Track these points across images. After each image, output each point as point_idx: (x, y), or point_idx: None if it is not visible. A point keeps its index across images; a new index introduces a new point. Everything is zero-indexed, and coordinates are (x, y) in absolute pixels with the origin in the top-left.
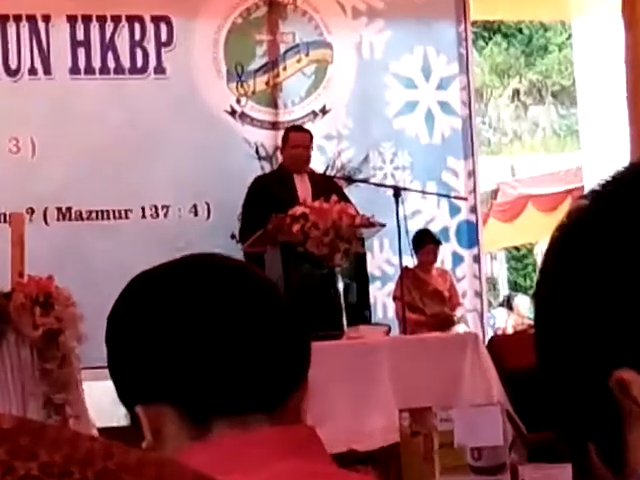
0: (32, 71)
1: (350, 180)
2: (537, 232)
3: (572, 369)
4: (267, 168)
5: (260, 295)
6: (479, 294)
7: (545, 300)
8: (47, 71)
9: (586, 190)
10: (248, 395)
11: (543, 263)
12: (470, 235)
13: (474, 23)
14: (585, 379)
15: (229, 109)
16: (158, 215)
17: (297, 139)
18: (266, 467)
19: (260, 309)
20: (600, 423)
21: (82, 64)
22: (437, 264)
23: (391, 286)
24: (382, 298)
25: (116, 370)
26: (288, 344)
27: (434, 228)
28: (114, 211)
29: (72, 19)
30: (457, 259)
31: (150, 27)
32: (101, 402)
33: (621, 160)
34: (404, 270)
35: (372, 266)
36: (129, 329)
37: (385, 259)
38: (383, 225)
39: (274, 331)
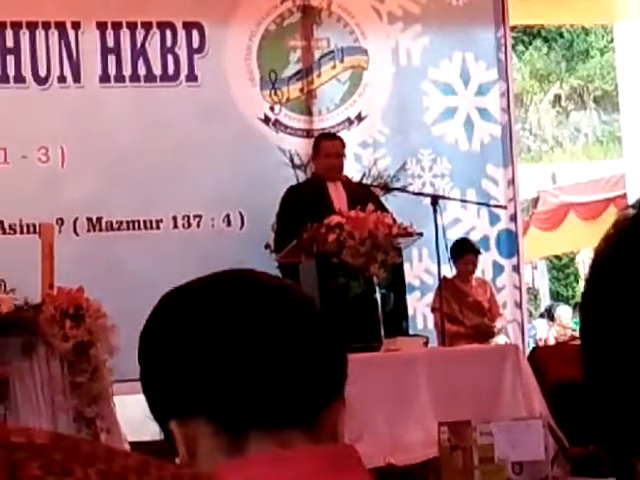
0: (61, 79)
1: (387, 189)
2: (579, 241)
3: (620, 382)
4: (301, 176)
5: (296, 310)
6: (519, 305)
7: (592, 312)
8: (77, 79)
9: (629, 198)
10: (283, 408)
11: (590, 274)
12: (510, 244)
13: (513, 28)
14: (634, 392)
15: (263, 117)
16: (190, 225)
17: (328, 147)
18: None
19: (296, 323)
20: None
21: (112, 71)
22: (477, 274)
23: (430, 296)
24: (422, 308)
25: (150, 385)
26: (324, 358)
27: (474, 237)
28: (145, 221)
29: (102, 25)
30: (497, 269)
31: (182, 33)
32: (133, 416)
33: None
34: (443, 280)
35: (411, 276)
36: (164, 343)
37: (424, 268)
38: (420, 234)
39: (310, 345)
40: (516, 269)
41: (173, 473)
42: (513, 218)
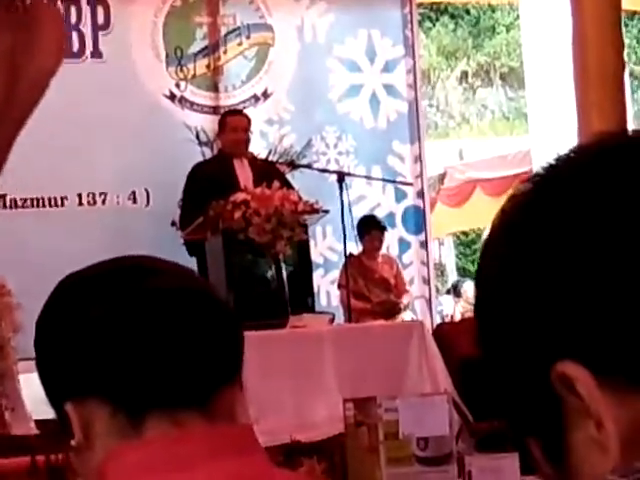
0: None
1: (293, 165)
2: (486, 217)
3: (513, 359)
4: (208, 153)
5: (192, 294)
6: (427, 281)
7: (486, 286)
8: None
9: None
10: (179, 389)
11: (484, 248)
12: (417, 221)
13: (420, 4)
14: (526, 370)
15: (168, 93)
16: (95, 202)
17: (234, 122)
18: (202, 466)
19: (191, 307)
20: (541, 418)
21: None
22: (382, 251)
23: (334, 274)
24: (325, 286)
25: (46, 367)
26: (218, 340)
27: (379, 214)
28: (50, 198)
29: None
30: (404, 245)
31: (86, 10)
32: (38, 394)
33: (569, 143)
34: (349, 257)
35: (315, 253)
36: (61, 326)
37: (328, 246)
38: (326, 211)
39: (204, 327)
40: (424, 245)
41: None
42: (420, 194)
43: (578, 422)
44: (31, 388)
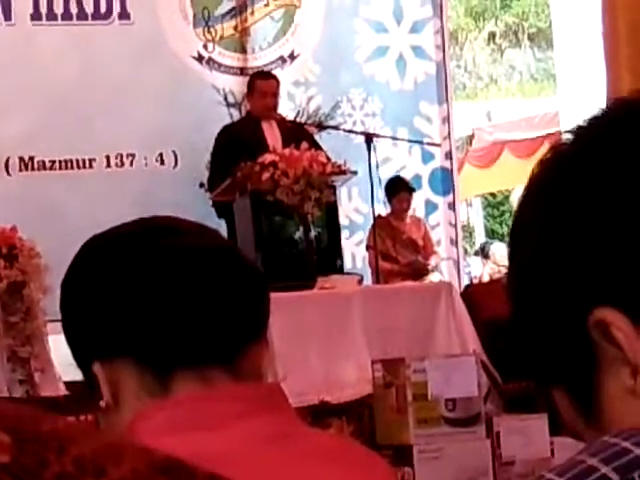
0: None
1: (320, 127)
2: (513, 178)
3: (549, 308)
4: (236, 115)
5: (217, 252)
6: (455, 242)
7: (523, 237)
8: (7, 17)
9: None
10: (205, 345)
11: (521, 200)
12: (445, 182)
13: None
14: (562, 318)
15: (196, 55)
16: (123, 164)
17: (264, 86)
18: (232, 425)
19: (217, 265)
20: (574, 367)
21: (44, 10)
22: (409, 212)
23: (360, 235)
24: (350, 247)
25: (73, 328)
26: (244, 298)
27: (405, 175)
28: (78, 160)
29: None
30: (430, 207)
31: None
32: (67, 355)
33: (598, 105)
34: (377, 218)
35: (340, 215)
36: (88, 285)
37: (354, 208)
38: (355, 172)
39: (230, 286)
40: (451, 206)
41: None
42: (448, 156)
43: (613, 370)
44: (60, 350)
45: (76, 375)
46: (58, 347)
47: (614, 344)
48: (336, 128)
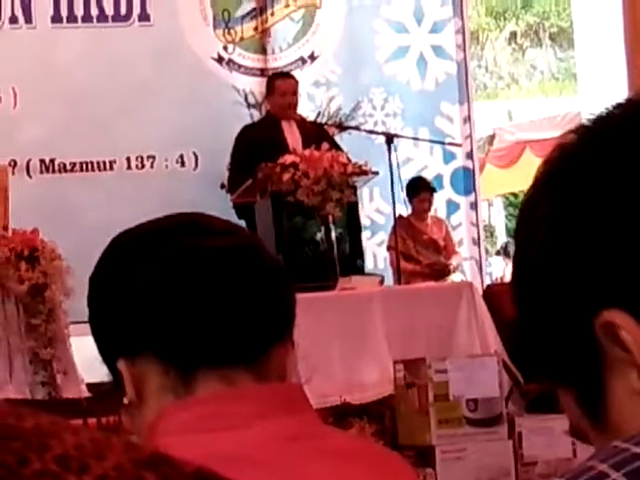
0: (13, 20)
1: (341, 127)
2: None
3: (556, 309)
4: (256, 115)
5: (243, 251)
6: (477, 242)
7: (529, 234)
8: (28, 20)
9: None
10: (229, 345)
11: (527, 197)
12: (466, 182)
13: None
14: (569, 320)
15: (216, 56)
16: (144, 166)
17: (283, 86)
18: (254, 425)
19: (243, 264)
20: (581, 370)
21: (64, 12)
22: (431, 212)
23: (381, 236)
24: (372, 248)
25: (99, 325)
26: (269, 298)
27: (427, 175)
28: (98, 162)
29: None
30: (452, 207)
31: None
32: (89, 357)
33: None
34: (398, 219)
35: (361, 216)
36: (114, 282)
37: (375, 208)
38: (376, 173)
39: (255, 285)
40: (473, 206)
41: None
42: (469, 155)
43: (620, 372)
44: (82, 352)
45: (98, 377)
46: (80, 349)
47: (622, 346)
48: (357, 129)
